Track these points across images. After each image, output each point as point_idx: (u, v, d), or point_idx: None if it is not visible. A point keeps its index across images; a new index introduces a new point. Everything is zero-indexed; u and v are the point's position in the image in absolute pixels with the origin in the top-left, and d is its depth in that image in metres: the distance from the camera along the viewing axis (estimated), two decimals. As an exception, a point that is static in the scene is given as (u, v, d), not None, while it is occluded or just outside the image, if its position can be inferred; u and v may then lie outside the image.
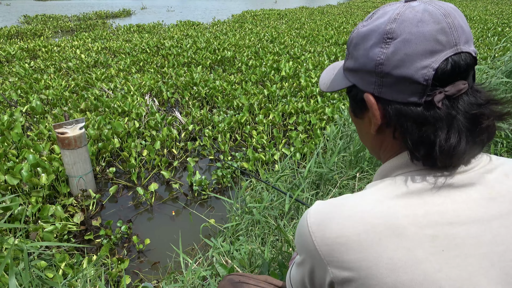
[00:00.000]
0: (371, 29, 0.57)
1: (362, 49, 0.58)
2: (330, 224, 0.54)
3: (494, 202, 0.53)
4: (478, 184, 0.54)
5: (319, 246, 0.54)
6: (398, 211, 0.51)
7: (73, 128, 2.66)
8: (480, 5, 20.23)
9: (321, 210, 0.57)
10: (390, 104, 0.56)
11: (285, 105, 4.32)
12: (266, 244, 1.90)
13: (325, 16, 14.96)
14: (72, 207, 2.72)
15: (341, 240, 0.52)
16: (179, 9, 20.15)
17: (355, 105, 0.64)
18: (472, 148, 0.53)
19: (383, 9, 0.58)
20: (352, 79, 0.62)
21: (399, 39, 0.53)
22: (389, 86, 0.55)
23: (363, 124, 0.65)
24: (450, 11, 0.53)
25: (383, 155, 0.65)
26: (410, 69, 0.52)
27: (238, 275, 1.07)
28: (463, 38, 0.53)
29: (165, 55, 7.16)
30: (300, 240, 0.59)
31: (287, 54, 7.19)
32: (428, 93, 0.53)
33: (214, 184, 3.14)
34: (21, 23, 13.97)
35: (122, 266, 2.19)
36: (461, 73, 0.53)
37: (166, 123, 4.02)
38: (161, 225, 2.70)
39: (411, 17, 0.53)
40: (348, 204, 0.55)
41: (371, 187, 0.58)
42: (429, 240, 0.50)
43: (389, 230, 0.50)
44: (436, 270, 0.49)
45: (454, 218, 0.51)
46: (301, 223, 0.59)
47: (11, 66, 6.27)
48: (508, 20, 12.52)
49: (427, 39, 0.51)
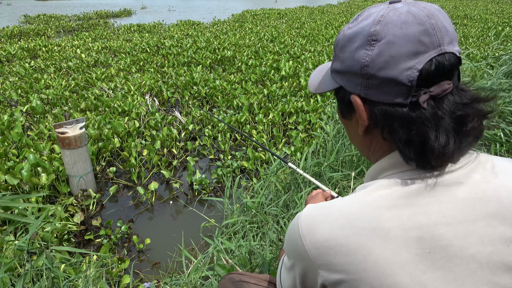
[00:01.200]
0: (356, 31, 0.57)
1: (348, 51, 0.58)
2: (319, 228, 0.54)
3: (480, 201, 0.52)
4: (465, 183, 0.54)
5: (309, 250, 0.54)
6: (383, 213, 0.52)
7: (73, 128, 2.66)
8: (480, 4, 20.21)
9: (311, 214, 0.57)
10: (376, 105, 0.57)
11: (285, 105, 4.32)
12: (266, 243, 1.90)
13: (325, 15, 14.95)
14: (72, 206, 2.72)
15: (330, 244, 0.52)
16: (180, 9, 20.15)
17: (342, 106, 0.65)
18: (460, 148, 0.53)
19: (368, 11, 0.58)
20: (339, 81, 0.62)
21: (383, 41, 0.53)
22: (375, 87, 0.56)
23: (352, 125, 0.65)
24: (433, 12, 0.54)
25: (373, 155, 0.65)
26: (395, 70, 0.53)
27: (239, 274, 1.07)
28: (446, 38, 0.53)
29: (165, 55, 7.16)
30: (291, 244, 0.59)
31: (287, 54, 7.19)
32: (413, 94, 0.53)
33: (214, 183, 3.15)
34: (21, 22, 13.97)
35: (123, 265, 2.19)
36: (446, 73, 0.53)
37: (166, 122, 4.02)
38: (162, 225, 2.70)
39: (395, 19, 0.53)
40: (336, 207, 0.55)
41: (361, 190, 0.58)
42: (414, 242, 0.50)
43: (374, 233, 0.51)
44: (421, 272, 0.49)
45: (440, 218, 0.51)
46: (292, 227, 0.59)
47: (12, 66, 6.28)
48: (508, 19, 12.50)
49: (410, 40, 0.52)
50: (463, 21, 12.35)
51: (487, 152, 2.54)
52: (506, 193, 0.54)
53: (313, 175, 2.54)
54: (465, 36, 9.05)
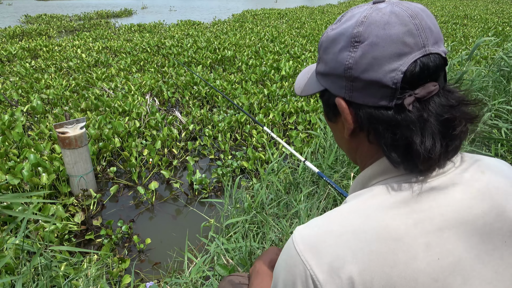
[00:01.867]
0: (339, 32, 0.56)
1: (332, 53, 0.57)
2: (322, 249, 0.50)
3: (476, 200, 0.53)
4: (459, 184, 0.54)
5: (315, 275, 0.49)
6: (388, 224, 0.49)
7: (74, 128, 2.67)
8: (480, 4, 20.19)
9: (308, 235, 0.52)
10: (361, 108, 0.55)
11: (285, 105, 4.32)
12: (266, 243, 1.90)
13: (325, 15, 14.95)
14: (73, 206, 2.73)
15: (338, 264, 0.48)
16: (180, 9, 20.14)
17: (328, 109, 0.63)
18: (447, 152, 0.52)
19: (351, 12, 0.57)
20: (324, 83, 0.61)
21: (366, 43, 0.52)
22: (359, 90, 0.54)
23: (338, 128, 0.64)
24: (417, 12, 0.52)
25: (360, 159, 0.63)
26: (379, 72, 0.51)
27: (239, 276, 1.07)
28: (431, 39, 0.52)
29: (166, 55, 7.17)
30: (289, 274, 0.52)
31: (288, 54, 7.19)
32: (398, 96, 0.52)
33: (215, 182, 3.15)
34: (22, 22, 13.97)
35: (123, 265, 2.20)
36: (431, 75, 0.52)
37: (166, 122, 4.03)
38: (162, 225, 2.70)
39: (377, 20, 0.52)
40: (335, 222, 0.52)
41: (354, 199, 0.55)
42: (423, 249, 0.48)
43: (384, 245, 0.48)
44: (434, 281, 0.48)
45: (442, 222, 0.50)
46: (288, 254, 0.53)
47: (12, 66, 6.28)
48: (508, 19, 12.49)
49: (394, 41, 0.50)
50: (463, 21, 12.34)
51: (488, 152, 2.54)
52: (495, 189, 0.54)
53: (312, 175, 2.55)
54: (465, 36, 9.04)
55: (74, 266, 2.04)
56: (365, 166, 0.62)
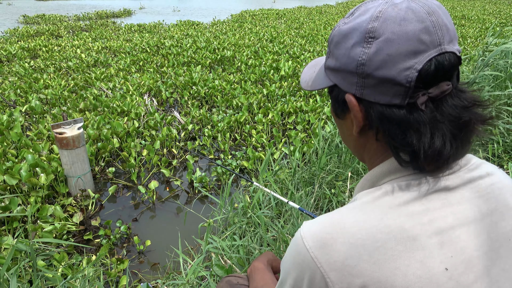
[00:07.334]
0: (352, 27, 0.54)
1: (343, 48, 0.55)
2: (335, 246, 0.48)
3: (482, 199, 0.54)
4: (468, 183, 0.54)
5: (326, 273, 0.48)
6: (404, 222, 0.49)
7: (71, 128, 2.66)
8: (478, 4, 20.22)
9: (319, 231, 0.51)
10: (372, 106, 0.54)
11: (284, 105, 4.32)
12: (264, 244, 1.90)
13: (323, 15, 14.95)
14: (71, 207, 2.72)
15: (351, 262, 0.47)
16: (178, 9, 20.13)
17: (336, 105, 0.61)
18: (456, 154, 0.52)
19: (365, 6, 0.55)
20: (334, 78, 0.59)
21: (381, 39, 0.50)
22: (371, 87, 0.53)
23: (345, 125, 0.62)
24: (434, 8, 0.51)
25: (367, 157, 0.62)
26: (393, 70, 0.50)
27: (237, 277, 1.06)
28: (447, 37, 0.50)
29: (165, 55, 7.16)
30: (298, 270, 0.51)
31: (287, 54, 7.19)
32: (411, 95, 0.50)
33: (214, 181, 3.15)
34: (20, 23, 13.94)
35: (122, 266, 2.19)
36: (445, 74, 0.51)
37: (165, 122, 4.02)
38: (161, 225, 2.70)
39: (393, 15, 0.50)
40: (350, 220, 0.50)
41: (365, 196, 0.54)
42: (437, 248, 0.48)
43: (400, 244, 0.48)
44: (448, 279, 0.48)
45: (455, 221, 0.51)
46: (296, 250, 0.52)
47: (11, 66, 6.27)
48: (506, 20, 12.51)
49: (410, 38, 0.49)
50: (461, 22, 12.36)
51: (485, 152, 2.54)
52: (498, 190, 0.55)
53: (312, 175, 2.54)
54: (463, 36, 9.06)
55: (72, 266, 2.03)
56: (374, 165, 0.61)
